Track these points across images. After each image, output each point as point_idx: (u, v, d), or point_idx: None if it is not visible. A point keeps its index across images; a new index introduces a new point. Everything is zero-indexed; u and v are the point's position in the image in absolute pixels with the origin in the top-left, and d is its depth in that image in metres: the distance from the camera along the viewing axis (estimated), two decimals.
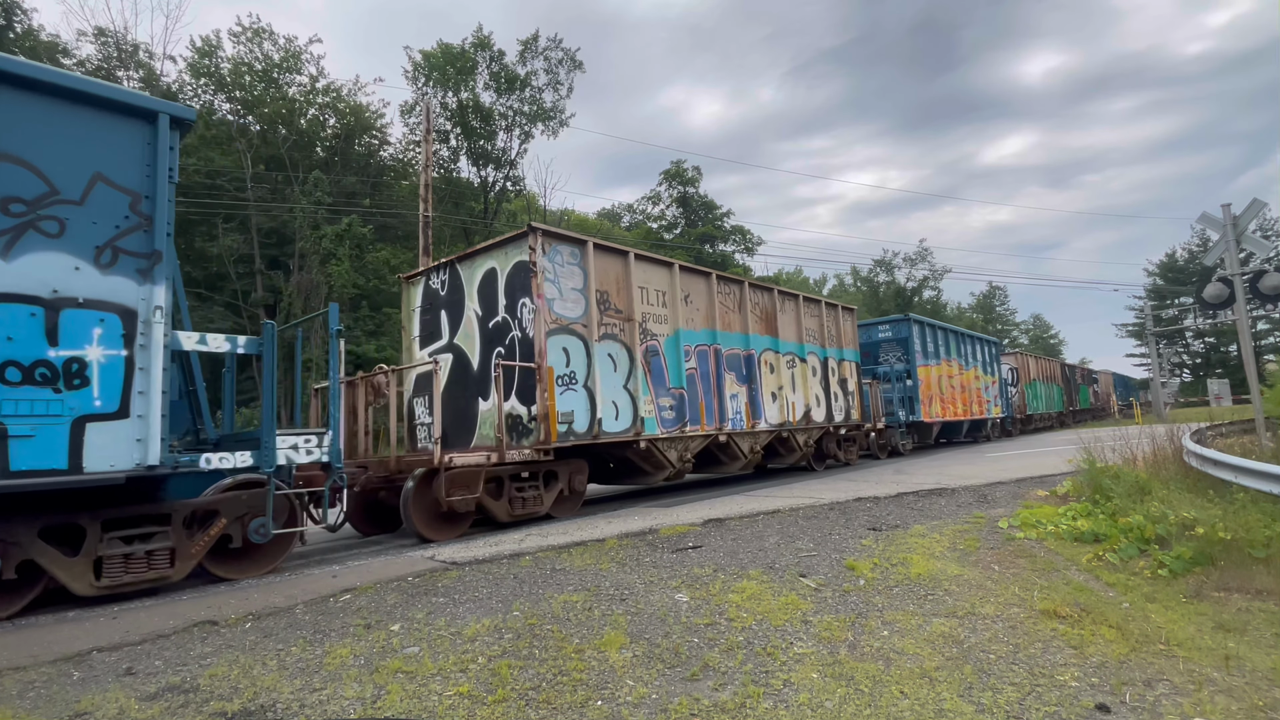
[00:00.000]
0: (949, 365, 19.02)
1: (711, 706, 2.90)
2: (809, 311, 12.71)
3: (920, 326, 18.00)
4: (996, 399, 22.81)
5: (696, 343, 9.70)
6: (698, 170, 42.82)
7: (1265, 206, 11.14)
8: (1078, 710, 2.89)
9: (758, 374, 10.81)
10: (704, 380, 9.69)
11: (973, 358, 21.16)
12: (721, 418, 9.86)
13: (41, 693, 2.97)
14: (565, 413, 7.54)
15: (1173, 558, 4.89)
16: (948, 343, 19.34)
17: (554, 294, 7.72)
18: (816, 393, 12.41)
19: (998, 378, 23.15)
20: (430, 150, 18.40)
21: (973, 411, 20.33)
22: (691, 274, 10.07)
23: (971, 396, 20.46)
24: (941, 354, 18.64)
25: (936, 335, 18.69)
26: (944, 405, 18.34)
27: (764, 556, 5.26)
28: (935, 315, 61.43)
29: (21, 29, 24.85)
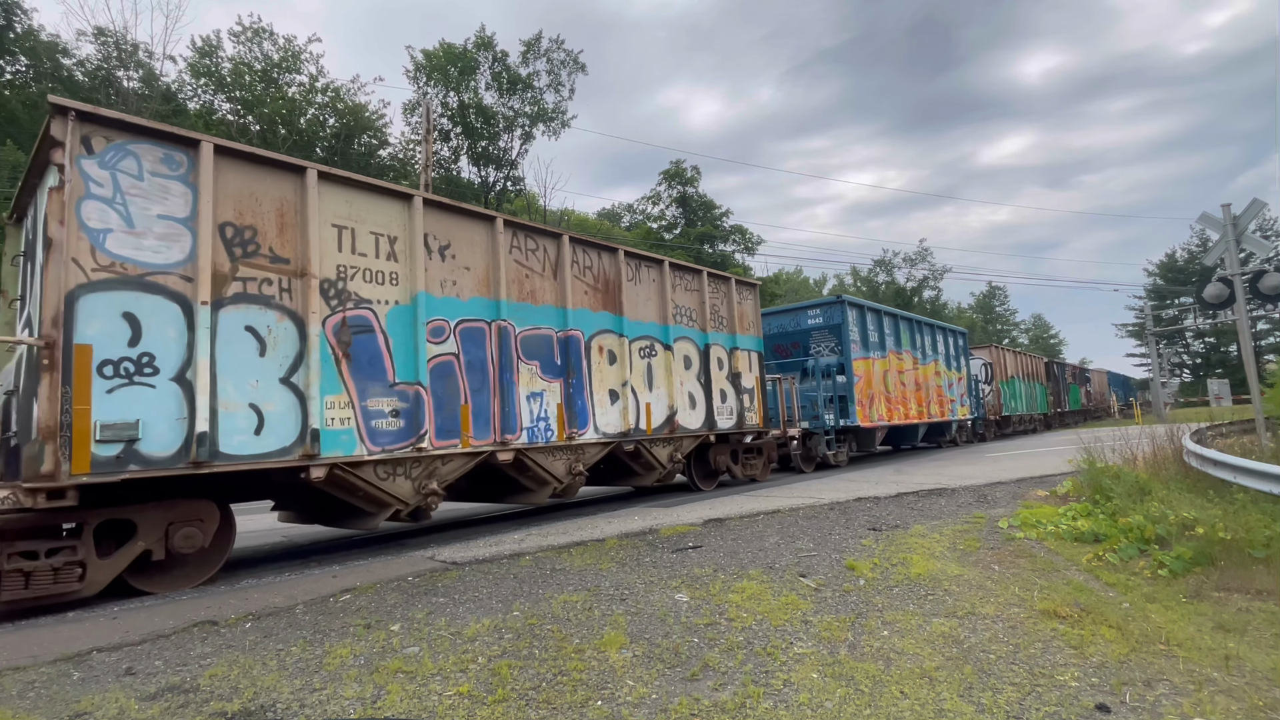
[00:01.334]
0: (899, 358, 15.93)
1: (711, 706, 2.90)
2: (683, 284, 9.73)
3: (858, 311, 14.73)
4: (964, 398, 19.74)
5: (459, 316, 6.59)
6: (697, 170, 42.81)
7: (1265, 206, 11.15)
8: (1078, 710, 2.89)
9: (585, 365, 7.87)
10: (474, 372, 6.61)
11: (932, 350, 17.89)
12: (508, 427, 6.81)
13: (41, 693, 2.97)
14: (117, 424, 4.42)
15: (1173, 558, 4.89)
16: (897, 332, 16.04)
17: (114, 222, 4.60)
18: (691, 390, 9.44)
19: (965, 374, 20.11)
20: (430, 150, 18.39)
21: (931, 413, 17.05)
22: (457, 217, 6.71)
23: (930, 395, 17.22)
24: (889, 345, 15.46)
25: (881, 323, 15.44)
26: (891, 405, 15.26)
27: (764, 556, 5.26)
28: (935, 315, 61.35)
29: (21, 29, 24.85)
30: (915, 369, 16.74)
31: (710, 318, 10.11)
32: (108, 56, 26.32)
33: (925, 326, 18.06)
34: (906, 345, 16.57)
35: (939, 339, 18.70)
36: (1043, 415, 29.14)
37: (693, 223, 42.81)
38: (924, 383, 17.10)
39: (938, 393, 17.85)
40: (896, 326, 16.24)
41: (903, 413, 15.76)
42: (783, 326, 15.06)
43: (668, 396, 9.02)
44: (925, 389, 17.11)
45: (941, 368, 18.41)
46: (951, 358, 19.35)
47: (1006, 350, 25.62)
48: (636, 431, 8.42)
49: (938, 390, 17.87)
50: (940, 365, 18.34)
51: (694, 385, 9.61)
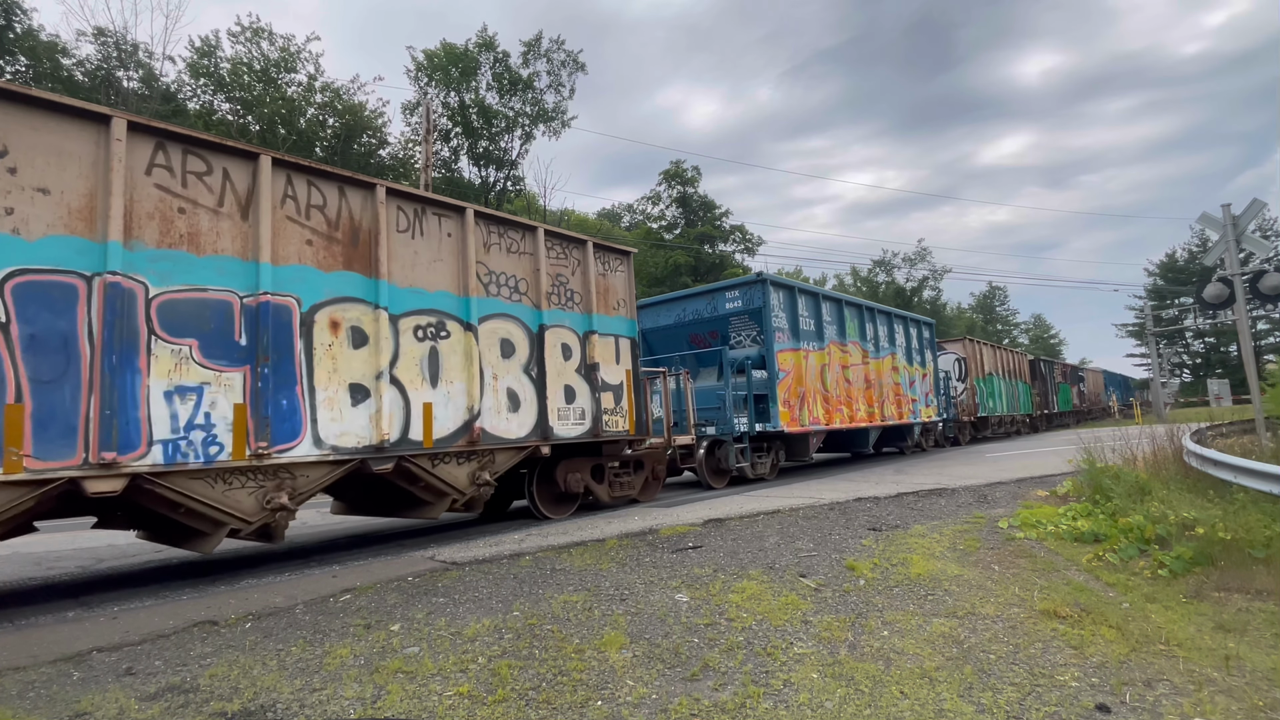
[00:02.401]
0: (843, 351, 13.49)
1: (711, 706, 2.90)
2: (502, 243, 7.21)
3: (786, 293, 12.13)
4: (930, 397, 17.19)
5: (14, 265, 4.12)
6: (697, 170, 42.81)
7: (1265, 206, 11.15)
8: (1078, 710, 2.89)
9: (298, 346, 5.33)
10: (43, 354, 4.14)
11: (889, 341, 15.42)
12: (122, 440, 4.35)
13: (41, 693, 2.97)
14: None
15: (1173, 558, 4.89)
16: (841, 319, 13.61)
17: None
18: (512, 386, 6.99)
19: (932, 370, 17.58)
20: (431, 149, 18.39)
21: (885, 414, 14.62)
22: (21, 108, 4.29)
23: (885, 394, 14.78)
24: (829, 334, 13.06)
25: (819, 308, 12.92)
26: (832, 407, 12.67)
27: (764, 556, 5.26)
28: (934, 316, 61.33)
29: (21, 29, 24.85)
30: (866, 363, 14.20)
31: (551, 291, 7.62)
32: (108, 57, 26.33)
33: (880, 315, 15.37)
34: (854, 336, 14.02)
35: (898, 329, 16.08)
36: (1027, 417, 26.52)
37: (693, 223, 42.82)
38: (877, 379, 14.57)
39: (895, 391, 15.28)
40: (840, 313, 13.65)
41: (847, 414, 13.12)
42: (699, 312, 12.57)
43: (466, 395, 6.50)
44: (879, 387, 14.58)
45: (901, 362, 15.87)
46: (914, 351, 16.75)
47: (983, 344, 22.76)
48: (404, 444, 5.92)
49: (895, 388, 15.29)
50: (899, 359, 15.80)
51: (518, 380, 7.08)
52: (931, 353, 17.89)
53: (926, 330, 17.87)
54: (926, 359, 17.44)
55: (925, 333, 17.74)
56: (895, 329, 16.01)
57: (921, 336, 17.39)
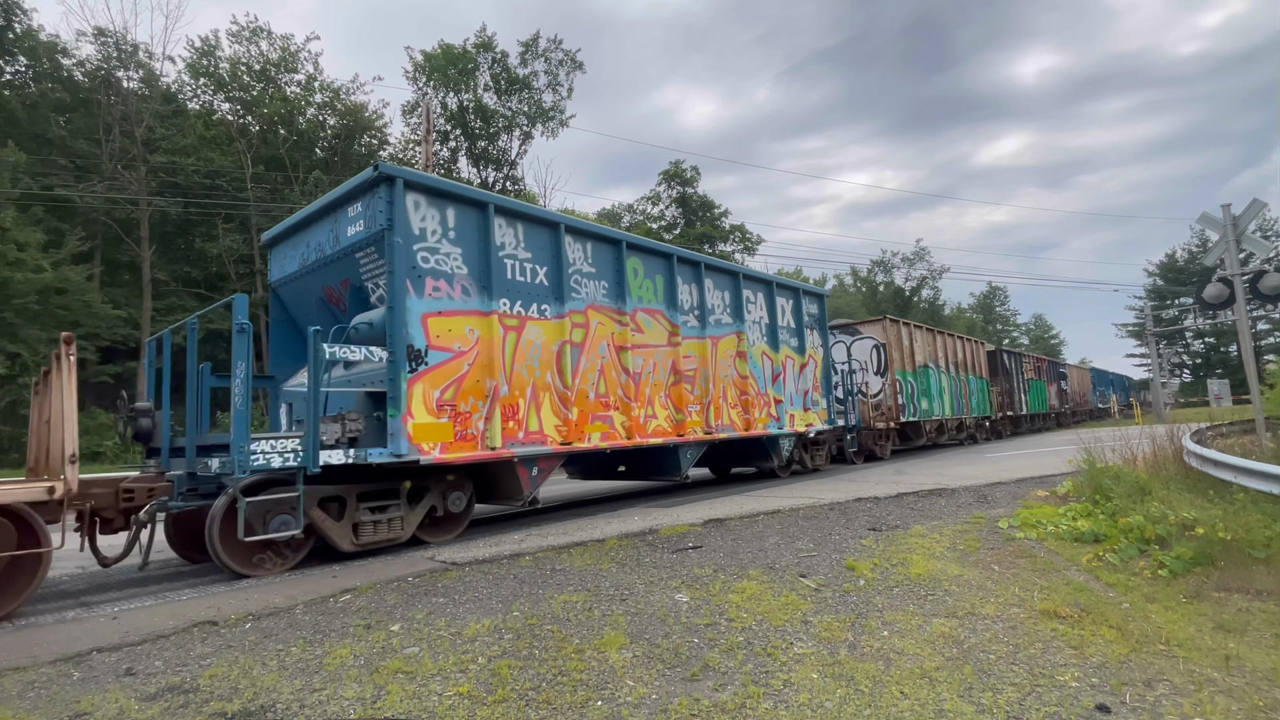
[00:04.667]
0: (621, 322, 8.32)
1: (711, 707, 2.89)
2: None
3: (449, 208, 6.62)
4: (812, 397, 12.21)
5: None
6: (696, 170, 42.84)
7: (1265, 207, 11.16)
8: (1078, 710, 2.89)
9: None
10: None
11: (730, 315, 10.34)
12: None
13: (41, 693, 2.97)
14: None
15: (1173, 558, 4.89)
16: (616, 273, 8.43)
17: None
18: None
19: (820, 359, 12.68)
20: (430, 150, 18.40)
21: (716, 422, 9.54)
22: None
23: (716, 391, 9.65)
24: (586, 294, 7.95)
25: (558, 248, 7.64)
26: (582, 412, 7.59)
27: (764, 557, 5.25)
28: (933, 316, 61.25)
29: (21, 29, 24.85)
30: (675, 345, 9.08)
31: None
32: (108, 57, 26.33)
33: (713, 274, 10.13)
34: (650, 300, 8.89)
35: (751, 298, 10.93)
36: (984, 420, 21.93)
37: (692, 223, 42.82)
38: (701, 370, 9.49)
39: (739, 388, 10.20)
40: (616, 263, 8.42)
41: (622, 424, 8.02)
42: (321, 248, 6.91)
43: None
44: (704, 381, 9.49)
45: (755, 346, 10.79)
46: (785, 331, 11.69)
47: (914, 326, 17.67)
48: None
49: (739, 383, 10.21)
50: (752, 342, 10.71)
51: None
52: (820, 335, 12.80)
53: (813, 304, 12.79)
54: (809, 343, 12.36)
55: (810, 307, 12.67)
56: (746, 297, 10.72)
57: (800, 312, 12.19)
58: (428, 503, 6.33)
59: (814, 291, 13.19)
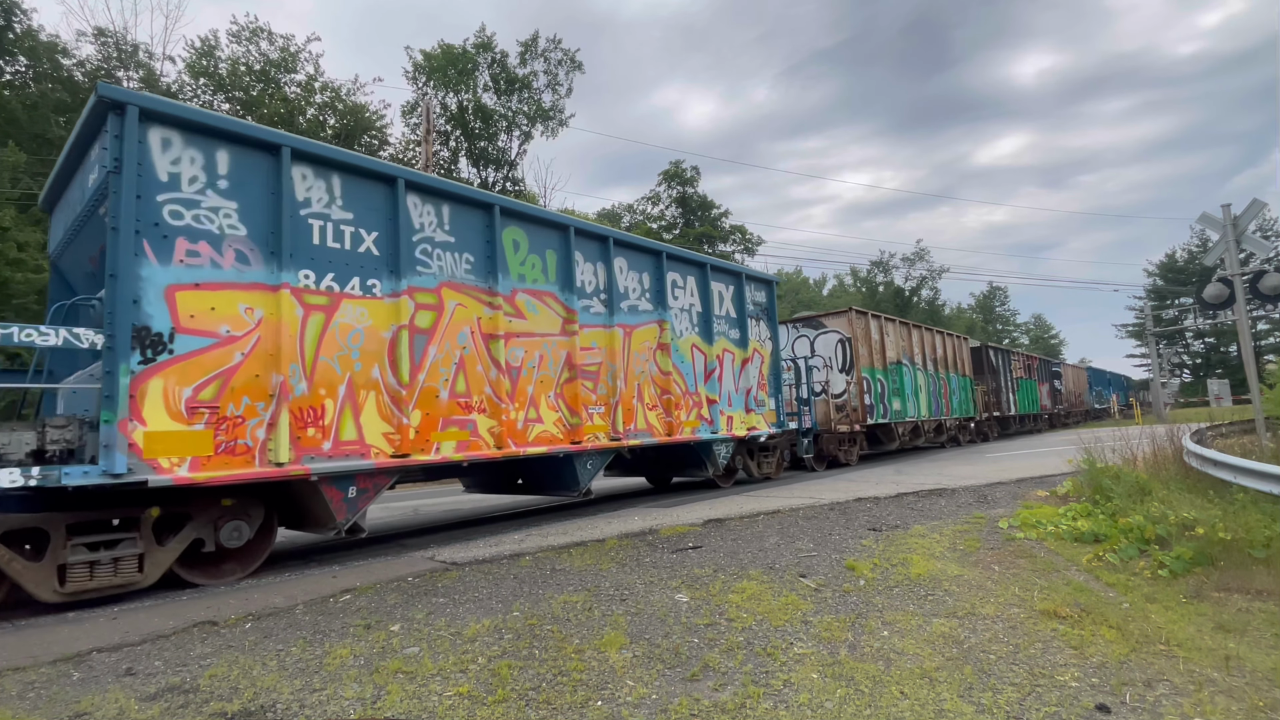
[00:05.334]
0: (492, 304, 6.86)
1: (711, 707, 2.89)
2: None
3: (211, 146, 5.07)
4: (756, 397, 10.65)
5: None
6: (696, 170, 42.82)
7: (1265, 207, 11.16)
8: (1078, 710, 2.89)
9: None
10: None
11: (650, 301, 8.97)
12: None
13: (41, 693, 2.97)
14: None
15: (1173, 558, 4.89)
16: (487, 243, 6.94)
17: None
18: None
19: (767, 353, 11.16)
20: (430, 150, 18.41)
21: (627, 426, 8.22)
22: None
23: (629, 390, 8.34)
24: (439, 268, 6.44)
25: (396, 211, 6.12)
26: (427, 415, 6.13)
27: (764, 557, 5.26)
28: (933, 316, 61.27)
29: (21, 29, 24.87)
30: (572, 334, 7.67)
31: None
32: (108, 57, 26.35)
33: (623, 249, 8.67)
34: (537, 279, 7.42)
35: (679, 281, 9.48)
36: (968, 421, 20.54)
37: (692, 223, 42.82)
38: (609, 364, 8.11)
39: (659, 386, 8.81)
40: (490, 231, 6.96)
41: (489, 430, 6.62)
42: (75, 206, 5.67)
43: None
44: (610, 379, 8.09)
45: (682, 337, 9.33)
46: (724, 321, 10.21)
47: (885, 319, 16.18)
48: None
49: (659, 381, 8.82)
50: (678, 332, 9.27)
51: None
52: (768, 326, 11.34)
53: (759, 291, 11.25)
54: (754, 336, 10.83)
55: (757, 294, 11.13)
56: (672, 281, 9.26)
57: (742, 299, 10.61)
58: (189, 535, 4.90)
59: (760, 277, 11.62)
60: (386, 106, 36.08)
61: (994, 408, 22.75)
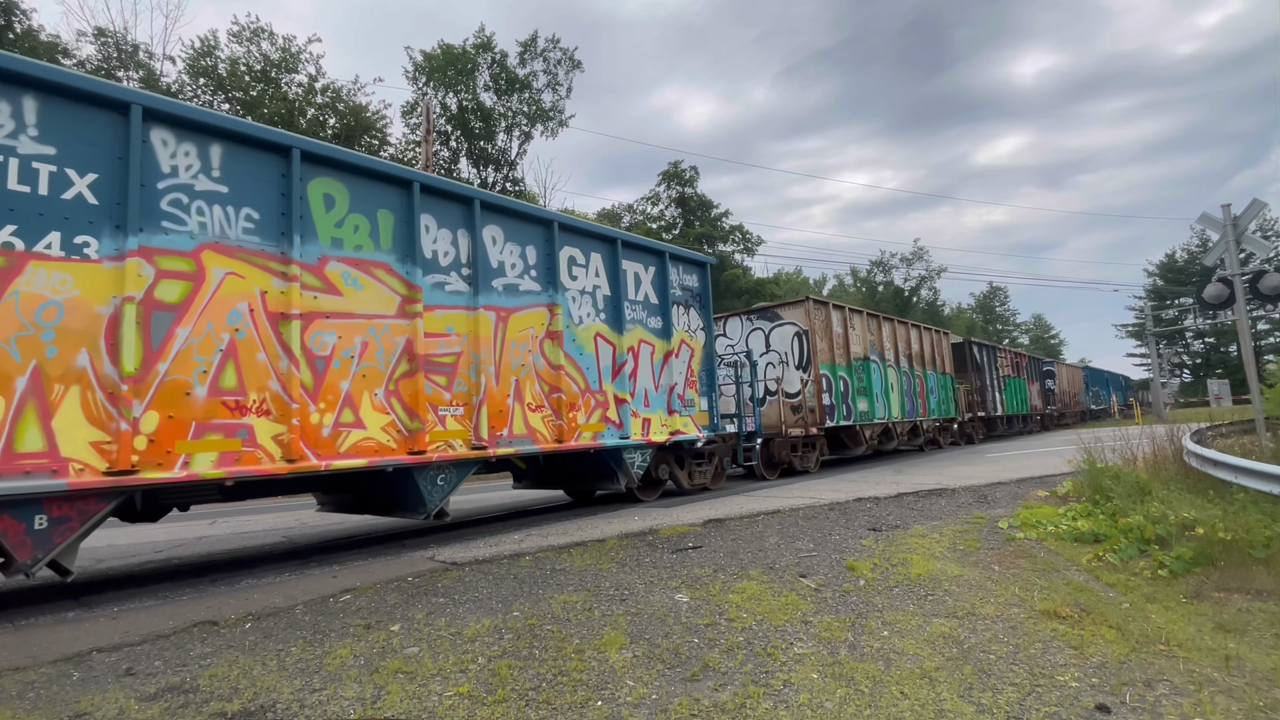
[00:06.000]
0: (286, 274, 5.33)
1: (711, 707, 2.89)
2: None
3: None
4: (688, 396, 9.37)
5: None
6: (695, 170, 42.83)
7: (1265, 207, 11.17)
8: (1078, 710, 2.89)
9: None
10: None
11: (539, 280, 7.52)
12: None
13: (41, 693, 2.97)
14: None
15: (1173, 558, 4.89)
16: (281, 194, 5.42)
17: None
18: None
19: (689, 345, 9.57)
20: (430, 150, 18.41)
21: (500, 428, 6.79)
22: None
23: (506, 386, 6.94)
24: (228, 227, 5.11)
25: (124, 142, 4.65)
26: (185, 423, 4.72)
27: (764, 557, 5.26)
28: (933, 316, 61.26)
29: (21, 29, 24.87)
30: (411, 316, 6.20)
31: None
32: (108, 57, 26.36)
33: (496, 214, 7.20)
34: (363, 245, 5.96)
35: (575, 257, 8.00)
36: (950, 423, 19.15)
37: (691, 223, 42.83)
38: (466, 356, 6.66)
39: (547, 382, 7.43)
40: (285, 183, 5.50)
41: (274, 435, 5.15)
42: None
43: None
44: (472, 373, 6.68)
45: (584, 325, 7.98)
46: (640, 307, 8.80)
47: (850, 311, 14.55)
48: None
49: (548, 376, 7.46)
50: (576, 318, 7.90)
51: None
52: (700, 315, 9.86)
53: (689, 275, 9.73)
54: (682, 325, 9.45)
55: (686, 278, 9.65)
56: (569, 258, 7.88)
57: (665, 283, 9.16)
58: None
59: (689, 258, 9.89)
60: (387, 106, 36.09)
61: (978, 408, 21.43)
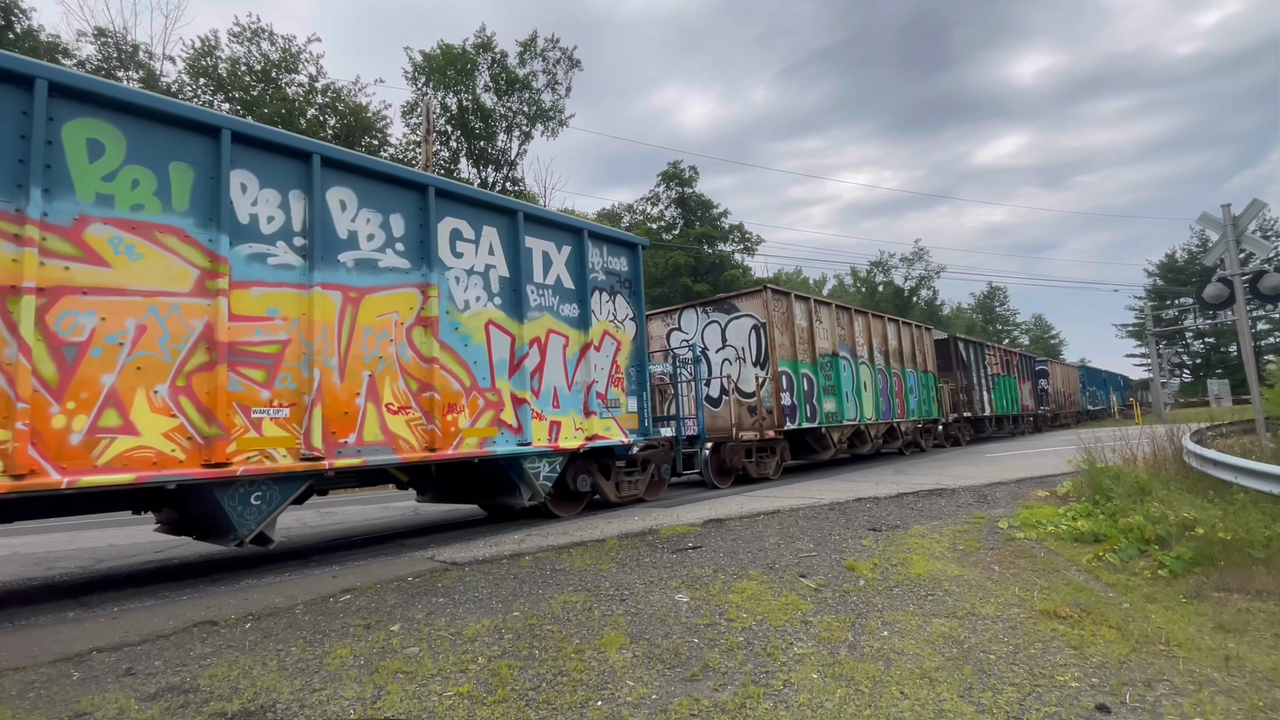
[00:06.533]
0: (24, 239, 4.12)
1: (711, 707, 2.89)
2: None
3: None
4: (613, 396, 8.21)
5: None
6: (695, 170, 42.85)
7: (1265, 207, 11.17)
8: (1078, 710, 2.89)
9: None
10: None
11: (392, 250, 6.07)
12: None
13: (41, 693, 2.97)
14: None
15: (1173, 558, 4.89)
16: None
17: None
18: None
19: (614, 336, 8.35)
20: (430, 150, 18.41)
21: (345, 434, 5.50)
22: None
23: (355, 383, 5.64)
24: None
25: None
26: None
27: (764, 557, 5.26)
28: (932, 316, 61.22)
29: (21, 29, 24.86)
30: (214, 294, 4.90)
31: None
32: (108, 57, 26.36)
33: (347, 174, 5.90)
34: (146, 204, 4.69)
35: (461, 230, 6.75)
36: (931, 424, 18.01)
37: (691, 223, 42.82)
38: (295, 345, 5.32)
39: (417, 379, 6.15)
40: (27, 120, 4.20)
41: None
42: None
43: None
44: (304, 366, 5.33)
45: (472, 311, 6.73)
46: (549, 291, 7.60)
47: (818, 303, 13.38)
48: None
49: (419, 371, 6.16)
50: (461, 303, 6.65)
51: None
52: (630, 304, 8.66)
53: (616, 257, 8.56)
54: (606, 314, 8.28)
55: (611, 260, 8.47)
56: (453, 231, 6.65)
57: (583, 265, 7.96)
58: None
59: (615, 237, 8.63)
60: (387, 107, 36.08)
61: (965, 408, 20.18)
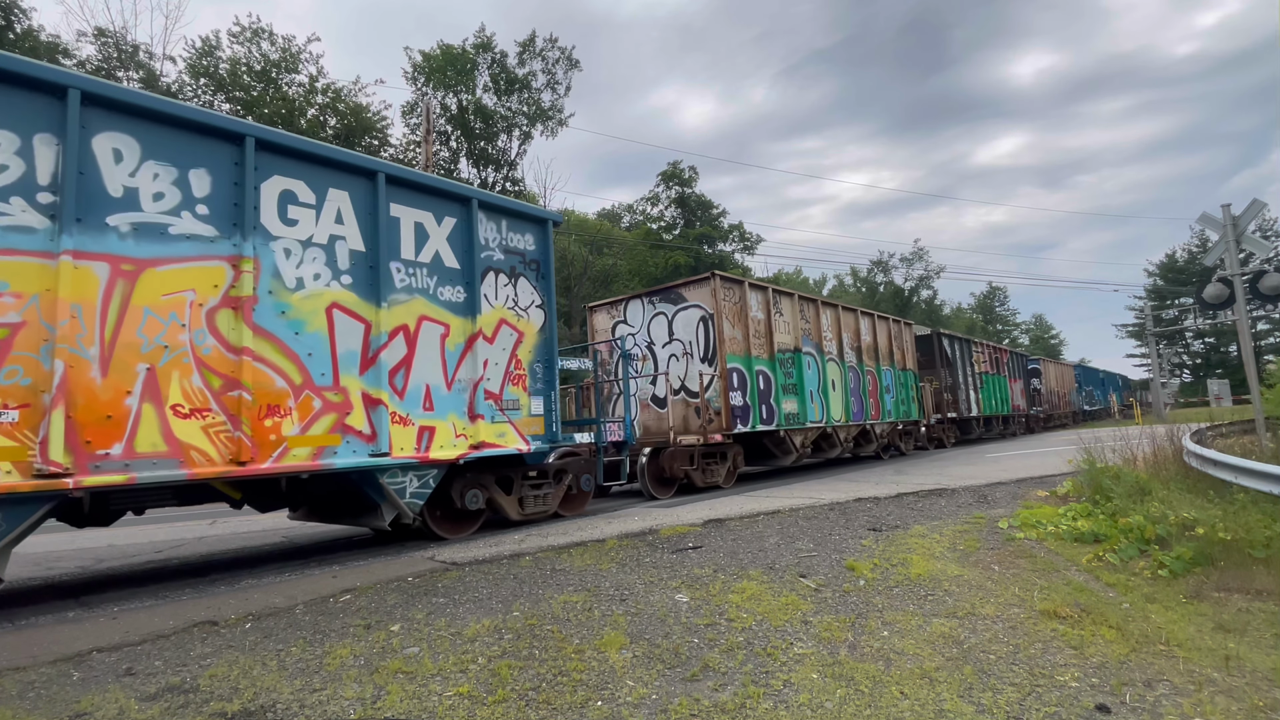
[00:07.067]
0: None
1: (711, 707, 2.89)
2: None
3: None
4: (510, 395, 6.83)
5: None
6: (694, 170, 42.84)
7: (1265, 207, 11.16)
8: (1078, 710, 2.89)
9: None
10: None
11: (188, 214, 4.78)
12: None
13: (41, 693, 2.97)
14: None
15: (1173, 558, 4.89)
16: None
17: None
18: None
19: (515, 327, 7.01)
20: (430, 151, 18.42)
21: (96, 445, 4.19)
22: None
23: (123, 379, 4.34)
24: None
25: None
26: None
27: (764, 557, 5.25)
28: (932, 316, 61.16)
29: (21, 29, 24.86)
30: None
31: None
32: (108, 57, 26.35)
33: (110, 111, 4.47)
34: None
35: (296, 192, 5.42)
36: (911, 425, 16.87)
37: (691, 223, 42.81)
38: (36, 333, 4.04)
39: (221, 376, 4.80)
40: None
41: None
42: None
43: None
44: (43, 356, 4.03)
45: (307, 292, 5.39)
46: (424, 270, 6.23)
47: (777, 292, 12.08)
48: None
49: (226, 366, 4.82)
50: (292, 282, 5.31)
51: None
52: (537, 289, 7.40)
53: (518, 233, 7.31)
54: (498, 299, 6.97)
55: (512, 237, 7.23)
56: (282, 192, 5.36)
57: (471, 241, 6.70)
58: None
59: (518, 210, 7.35)
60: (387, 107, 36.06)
61: (949, 408, 18.95)
